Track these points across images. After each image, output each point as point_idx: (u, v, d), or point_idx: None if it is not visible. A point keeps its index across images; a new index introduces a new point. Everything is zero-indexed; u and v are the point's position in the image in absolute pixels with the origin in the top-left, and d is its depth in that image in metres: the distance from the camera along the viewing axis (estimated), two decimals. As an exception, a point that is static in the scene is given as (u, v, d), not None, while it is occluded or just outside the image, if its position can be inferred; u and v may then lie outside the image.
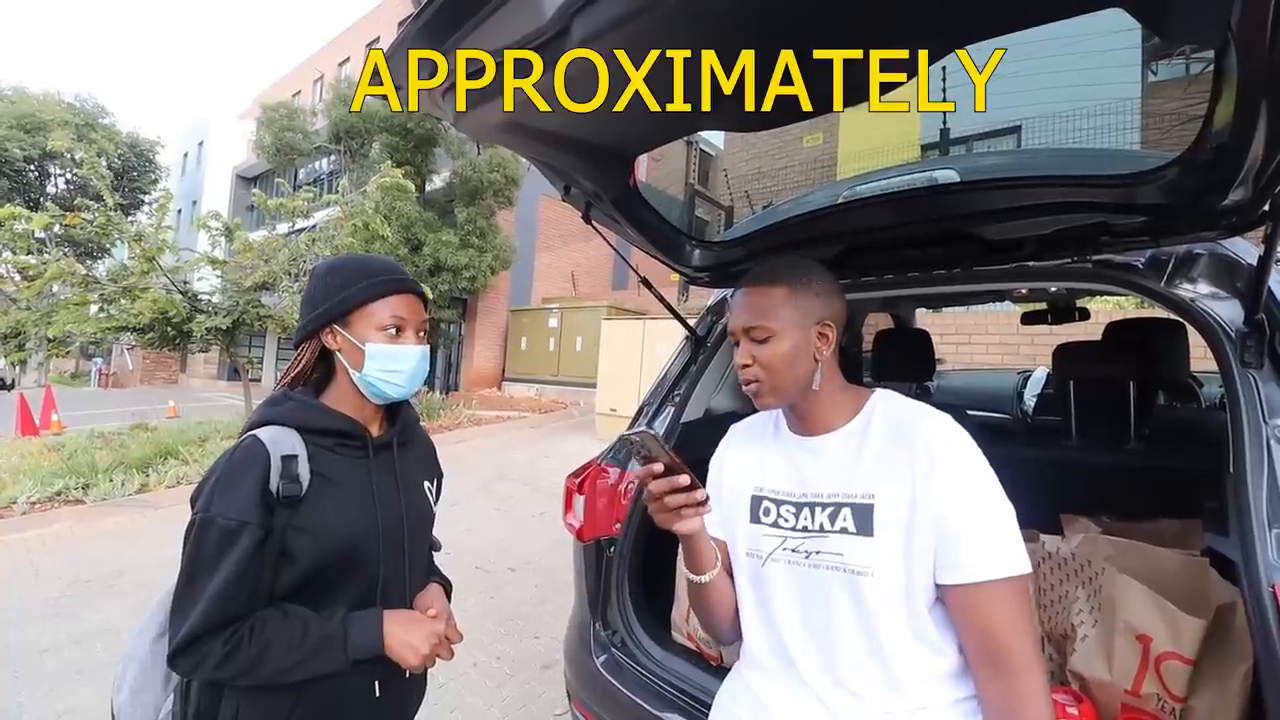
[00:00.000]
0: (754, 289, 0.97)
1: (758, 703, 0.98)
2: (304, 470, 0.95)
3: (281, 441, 0.94)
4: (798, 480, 0.98)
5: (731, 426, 1.17)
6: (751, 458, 1.07)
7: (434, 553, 1.26)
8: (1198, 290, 1.24)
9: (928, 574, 0.85)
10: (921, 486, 0.85)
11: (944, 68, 1.04)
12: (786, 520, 0.97)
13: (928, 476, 0.84)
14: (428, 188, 12.89)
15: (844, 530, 0.90)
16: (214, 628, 0.86)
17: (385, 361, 1.01)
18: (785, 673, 0.96)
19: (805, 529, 0.94)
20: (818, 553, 0.92)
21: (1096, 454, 1.83)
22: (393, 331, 1.02)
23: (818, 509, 0.94)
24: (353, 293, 1.00)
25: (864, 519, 0.88)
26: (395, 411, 1.14)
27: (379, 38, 20.12)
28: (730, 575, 1.06)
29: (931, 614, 0.87)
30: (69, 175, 22.47)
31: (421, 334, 1.07)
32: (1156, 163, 1.08)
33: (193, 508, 0.92)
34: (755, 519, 1.01)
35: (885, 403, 0.96)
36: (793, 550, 0.95)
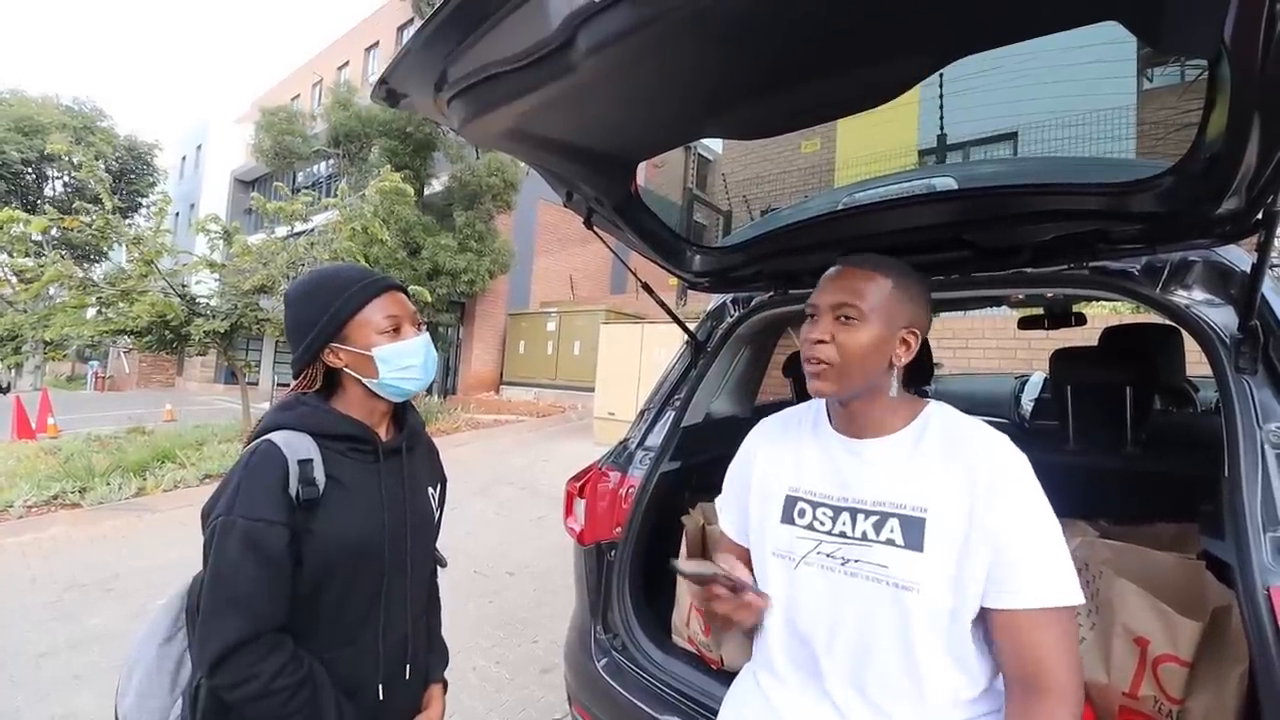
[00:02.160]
0: (857, 270, 0.93)
1: (770, 709, 0.96)
2: (319, 474, 0.95)
3: (296, 446, 0.95)
4: (838, 483, 0.94)
5: (763, 420, 1.14)
6: (786, 454, 1.03)
7: (439, 568, 1.26)
8: (1192, 297, 1.26)
9: (976, 596, 0.83)
10: (981, 507, 0.82)
11: (941, 74, 1.05)
12: (823, 524, 0.93)
13: (988, 498, 0.82)
14: (426, 192, 12.92)
15: (890, 542, 0.86)
16: (256, 634, 0.87)
17: (397, 360, 1.02)
18: (805, 680, 0.94)
19: (843, 534, 0.91)
20: (857, 561, 0.89)
21: (1094, 458, 1.85)
22: (391, 331, 1.03)
23: (860, 515, 0.90)
24: (340, 306, 1.00)
25: (914, 532, 0.85)
26: (401, 416, 1.15)
27: (378, 42, 20.17)
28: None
29: (971, 633, 0.86)
30: (67, 178, 22.42)
31: (416, 324, 1.08)
32: (1152, 171, 1.09)
33: (207, 517, 0.92)
34: (788, 519, 0.97)
35: (942, 414, 0.94)
36: (828, 555, 0.91)
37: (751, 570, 1.04)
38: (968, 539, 0.83)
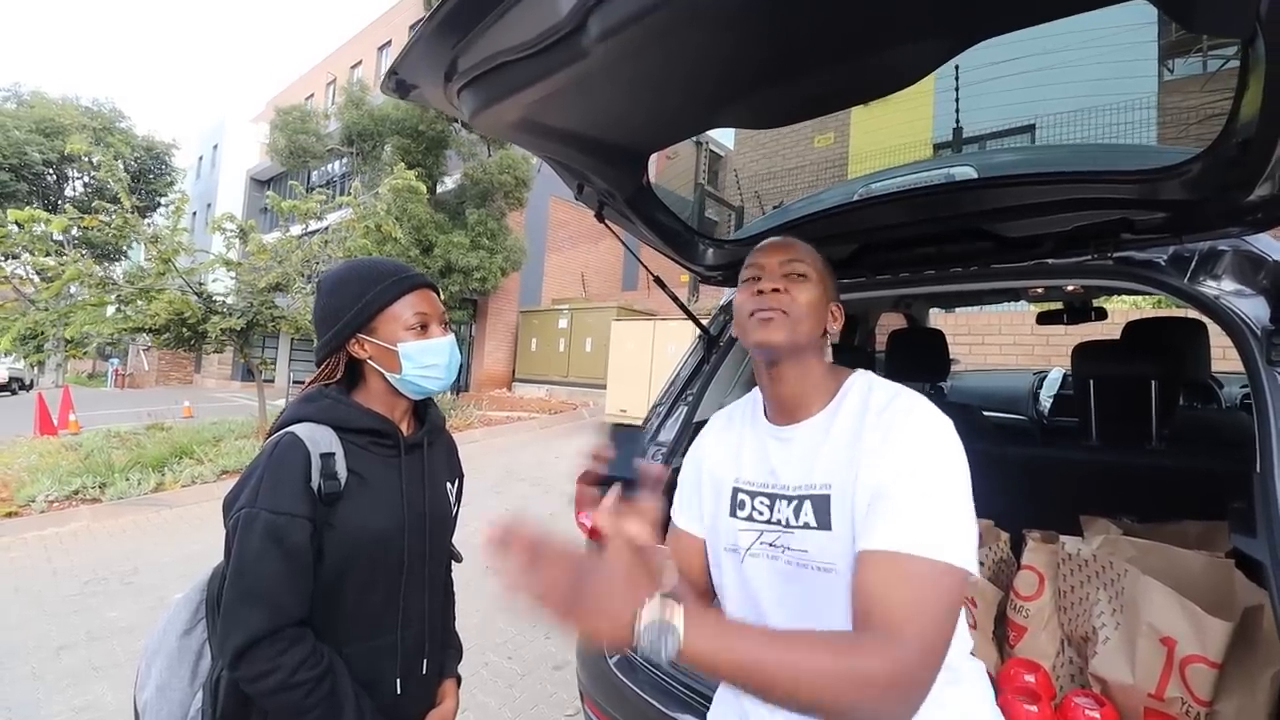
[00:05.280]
0: (795, 243, 0.95)
1: (738, 702, 0.96)
2: (341, 468, 0.95)
3: (319, 439, 0.95)
4: (768, 470, 0.93)
5: (712, 415, 1.13)
6: (730, 447, 1.02)
7: (454, 563, 1.25)
8: (1222, 287, 1.22)
9: None
10: (868, 464, 0.78)
11: (957, 65, 1.03)
12: (761, 514, 0.92)
13: (876, 455, 0.78)
14: (439, 190, 12.98)
15: (806, 525, 0.84)
16: (278, 627, 0.87)
17: (421, 358, 1.02)
18: None
19: (777, 522, 0.89)
20: (788, 549, 0.87)
21: (1117, 455, 1.81)
22: (419, 328, 1.03)
23: (783, 502, 0.89)
24: (372, 298, 1.01)
25: (823, 511, 0.83)
26: (423, 411, 1.15)
27: (390, 41, 20.27)
28: (705, 575, 1.03)
29: None
30: (87, 178, 22.76)
31: (445, 324, 1.08)
32: (1179, 158, 1.06)
33: (230, 508, 0.91)
34: (733, 512, 0.96)
35: (859, 386, 0.90)
36: (770, 545, 0.90)
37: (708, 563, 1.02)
38: (860, 499, 0.78)
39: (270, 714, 0.92)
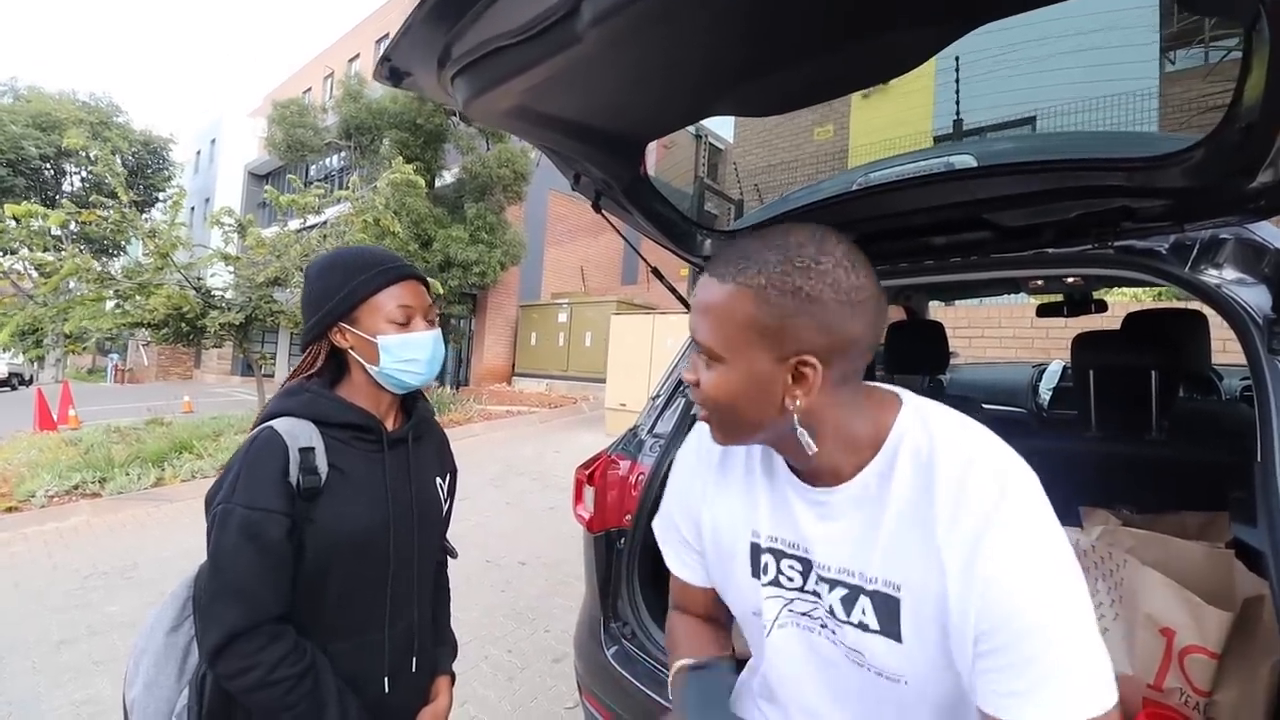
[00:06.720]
0: (712, 283, 0.67)
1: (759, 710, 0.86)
2: (321, 463, 0.94)
3: (298, 434, 0.93)
4: (798, 534, 0.75)
5: (685, 449, 0.92)
6: (735, 488, 0.82)
7: (449, 558, 1.25)
8: (1224, 276, 1.21)
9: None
10: (959, 575, 0.61)
11: (957, 56, 1.01)
12: (791, 580, 0.76)
13: (969, 562, 0.60)
14: (437, 183, 12.95)
15: (863, 626, 0.68)
16: (255, 623, 0.86)
17: (401, 352, 1.00)
18: None
19: (814, 594, 0.73)
20: (833, 631, 0.72)
21: (1117, 445, 1.80)
22: (402, 321, 1.01)
23: (824, 584, 0.72)
24: (354, 287, 0.99)
25: (888, 615, 0.66)
26: (410, 405, 1.13)
27: (388, 34, 20.18)
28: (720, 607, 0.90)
29: None
30: (84, 173, 22.70)
31: (430, 318, 1.06)
32: (1181, 144, 1.05)
33: (210, 504, 0.91)
34: (755, 574, 0.79)
35: (914, 435, 0.68)
36: (803, 614, 0.75)
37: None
38: (949, 617, 0.62)
39: (253, 711, 0.91)
